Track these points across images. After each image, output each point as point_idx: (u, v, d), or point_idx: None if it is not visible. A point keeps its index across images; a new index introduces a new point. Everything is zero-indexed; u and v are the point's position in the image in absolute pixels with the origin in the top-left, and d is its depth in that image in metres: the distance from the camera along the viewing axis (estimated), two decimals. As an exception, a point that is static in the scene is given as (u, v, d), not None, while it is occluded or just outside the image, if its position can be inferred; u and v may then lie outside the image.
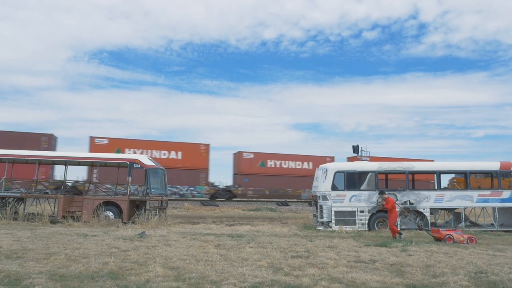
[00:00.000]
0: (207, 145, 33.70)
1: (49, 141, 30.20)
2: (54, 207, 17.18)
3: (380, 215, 15.31)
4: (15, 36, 73.55)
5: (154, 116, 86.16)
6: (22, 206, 16.61)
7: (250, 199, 34.20)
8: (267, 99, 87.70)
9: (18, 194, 16.60)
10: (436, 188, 15.87)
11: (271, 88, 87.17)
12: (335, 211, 15.20)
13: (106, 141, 31.24)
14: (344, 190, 15.39)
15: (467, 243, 11.61)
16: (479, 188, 17.01)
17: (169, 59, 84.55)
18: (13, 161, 17.17)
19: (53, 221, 15.63)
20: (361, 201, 15.31)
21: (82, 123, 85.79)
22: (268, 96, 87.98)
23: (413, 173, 16.57)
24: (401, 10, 77.00)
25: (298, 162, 37.47)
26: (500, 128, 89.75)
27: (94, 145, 30.72)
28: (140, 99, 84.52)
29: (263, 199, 34.76)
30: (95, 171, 25.28)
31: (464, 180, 16.28)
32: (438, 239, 11.98)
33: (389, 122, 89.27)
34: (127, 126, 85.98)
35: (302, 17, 78.96)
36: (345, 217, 15.23)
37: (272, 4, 76.58)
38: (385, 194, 13.29)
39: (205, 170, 33.11)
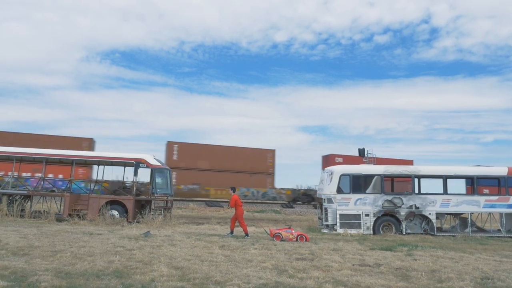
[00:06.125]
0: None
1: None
2: (60, 205, 17.29)
3: (385, 219, 15.23)
4: (30, 36, 74.47)
5: (164, 117, 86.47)
6: (29, 203, 16.75)
7: None
8: (276, 101, 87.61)
9: (25, 192, 16.74)
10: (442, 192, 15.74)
11: (281, 90, 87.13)
12: (340, 214, 15.14)
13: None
14: (349, 193, 15.33)
15: (297, 240, 11.80)
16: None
17: (180, 60, 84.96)
18: (21, 159, 17.33)
19: (59, 219, 15.74)
20: (367, 205, 15.24)
21: (91, 122, 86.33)
22: (277, 98, 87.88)
23: (419, 177, 16.45)
24: (414, 14, 76.65)
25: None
26: (509, 133, 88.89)
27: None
28: (150, 100, 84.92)
29: None
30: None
31: (471, 185, 16.12)
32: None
33: (397, 126, 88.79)
34: (136, 126, 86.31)
35: (314, 21, 78.90)
36: (350, 220, 15.16)
37: (285, 8, 76.61)
38: (233, 191, 13.28)
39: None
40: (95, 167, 18.50)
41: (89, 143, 30.99)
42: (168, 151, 31.98)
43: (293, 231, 12.30)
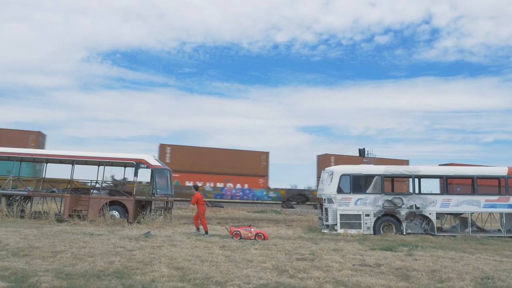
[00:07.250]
0: None
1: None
2: (61, 206, 17.29)
3: (386, 219, 15.23)
4: (30, 36, 74.40)
5: (164, 118, 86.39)
6: (29, 204, 16.74)
7: None
8: (277, 102, 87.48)
9: (25, 192, 16.75)
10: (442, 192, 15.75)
11: (282, 90, 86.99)
12: (341, 214, 15.14)
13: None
14: (349, 193, 15.33)
15: (255, 239, 11.97)
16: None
17: (181, 61, 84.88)
18: (21, 159, 17.33)
19: (59, 219, 15.74)
20: (367, 205, 15.24)
21: (92, 123, 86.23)
22: (278, 98, 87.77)
23: (419, 177, 16.46)
24: (415, 15, 76.55)
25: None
26: (510, 134, 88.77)
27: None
28: (150, 100, 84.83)
29: None
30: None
31: (471, 185, 16.12)
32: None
33: (398, 126, 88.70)
34: (137, 127, 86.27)
35: (315, 21, 78.76)
36: (350, 221, 15.16)
37: (286, 8, 76.60)
38: (196, 190, 13.93)
39: None
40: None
41: (266, 156, 34.09)
42: (324, 163, 34.67)
43: (252, 230, 12.51)
